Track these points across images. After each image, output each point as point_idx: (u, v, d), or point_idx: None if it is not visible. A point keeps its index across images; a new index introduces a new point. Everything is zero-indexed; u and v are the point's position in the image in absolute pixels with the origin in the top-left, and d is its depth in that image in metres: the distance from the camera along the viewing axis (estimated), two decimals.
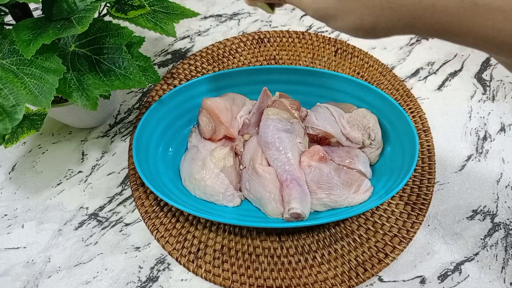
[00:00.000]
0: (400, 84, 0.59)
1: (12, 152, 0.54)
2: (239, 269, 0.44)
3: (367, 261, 0.44)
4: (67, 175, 0.52)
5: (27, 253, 0.46)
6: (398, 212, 0.47)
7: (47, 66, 0.38)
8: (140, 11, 0.45)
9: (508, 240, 0.46)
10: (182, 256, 0.45)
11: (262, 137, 0.47)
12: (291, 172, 0.45)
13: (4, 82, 0.36)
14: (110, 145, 0.54)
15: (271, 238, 0.46)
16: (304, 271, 0.44)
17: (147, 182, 0.44)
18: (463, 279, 0.44)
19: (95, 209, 0.49)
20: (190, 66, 0.61)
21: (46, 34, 0.36)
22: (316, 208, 0.46)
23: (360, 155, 0.49)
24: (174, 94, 0.51)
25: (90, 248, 0.46)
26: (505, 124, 0.55)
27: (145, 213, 0.48)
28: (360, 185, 0.46)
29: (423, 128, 0.54)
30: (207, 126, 0.50)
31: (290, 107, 0.49)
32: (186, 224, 0.47)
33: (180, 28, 0.67)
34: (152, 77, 0.49)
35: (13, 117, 0.37)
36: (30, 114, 0.44)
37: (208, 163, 0.47)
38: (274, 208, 0.44)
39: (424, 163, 0.51)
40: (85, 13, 0.38)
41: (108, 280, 0.44)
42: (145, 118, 0.49)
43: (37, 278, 0.44)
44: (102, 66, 0.42)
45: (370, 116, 0.50)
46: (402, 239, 0.45)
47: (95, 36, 0.42)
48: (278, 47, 0.63)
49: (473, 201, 0.49)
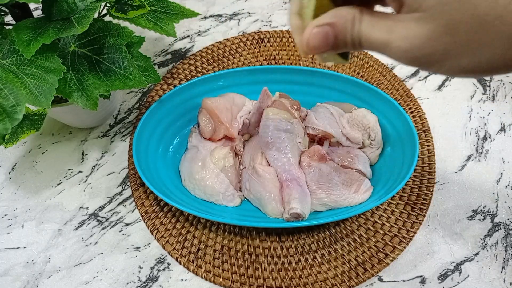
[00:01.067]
0: (400, 84, 0.59)
1: (12, 152, 0.54)
2: (239, 269, 0.44)
3: (367, 261, 0.44)
4: (67, 175, 0.52)
5: (27, 253, 0.46)
6: (398, 212, 0.47)
7: (47, 66, 0.38)
8: (140, 11, 0.45)
9: (508, 240, 0.46)
10: (182, 256, 0.45)
11: (262, 137, 0.47)
12: (291, 172, 0.45)
13: (4, 82, 0.36)
14: (110, 145, 0.54)
15: (271, 238, 0.46)
16: (304, 271, 0.44)
17: (147, 182, 0.44)
18: (463, 279, 0.44)
19: (95, 209, 0.49)
20: (190, 66, 0.61)
21: (46, 34, 0.36)
22: (316, 208, 0.46)
23: (360, 155, 0.49)
24: (174, 94, 0.51)
25: (90, 248, 0.46)
26: (505, 124, 0.55)
27: (145, 213, 0.48)
28: (360, 185, 0.46)
29: (423, 128, 0.54)
30: (207, 126, 0.50)
31: (290, 107, 0.49)
32: (186, 224, 0.47)
33: (180, 28, 0.67)
34: (152, 77, 0.49)
35: (13, 117, 0.37)
36: (30, 114, 0.44)
37: (208, 163, 0.47)
38: (274, 208, 0.44)
39: (424, 163, 0.51)
40: (85, 13, 0.38)
41: (108, 280, 0.44)
42: (145, 118, 0.49)
43: (37, 278, 0.44)
44: (102, 66, 0.42)
45: (370, 116, 0.50)
46: (402, 239, 0.45)
47: (95, 36, 0.42)
48: (278, 47, 0.63)
49: (473, 201, 0.49)
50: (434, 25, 0.20)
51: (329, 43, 0.23)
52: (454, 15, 0.19)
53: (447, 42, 0.20)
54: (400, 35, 0.21)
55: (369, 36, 0.22)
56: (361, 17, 0.22)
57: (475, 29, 0.19)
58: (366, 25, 0.22)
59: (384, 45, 0.22)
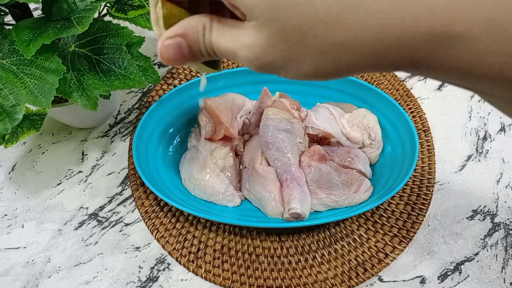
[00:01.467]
0: (400, 84, 0.59)
1: (12, 152, 0.54)
2: (239, 269, 0.44)
3: (367, 261, 0.44)
4: (67, 175, 0.52)
5: (27, 253, 0.46)
6: (398, 212, 0.47)
7: (47, 66, 0.38)
8: (140, 11, 0.45)
9: (508, 240, 0.46)
10: (182, 256, 0.45)
11: (262, 137, 0.47)
12: (291, 172, 0.45)
13: (4, 82, 0.36)
14: (110, 145, 0.54)
15: (271, 238, 0.46)
16: (304, 271, 0.44)
17: (147, 182, 0.44)
18: (463, 279, 0.44)
19: (95, 209, 0.49)
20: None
21: (46, 34, 0.36)
22: (316, 208, 0.46)
23: (360, 155, 0.49)
24: (174, 94, 0.51)
25: (90, 248, 0.46)
26: (505, 124, 0.55)
27: (145, 213, 0.48)
28: (360, 185, 0.46)
29: (423, 128, 0.54)
30: (207, 126, 0.50)
31: (290, 107, 0.49)
32: (186, 224, 0.47)
33: None
34: (152, 77, 0.49)
35: (13, 117, 0.37)
36: (30, 114, 0.44)
37: (208, 163, 0.47)
38: (274, 208, 0.44)
39: (424, 163, 0.51)
40: (85, 13, 0.38)
41: (108, 280, 0.44)
42: (145, 118, 0.49)
43: (37, 278, 0.44)
44: (102, 66, 0.42)
45: (370, 116, 0.50)
46: (402, 239, 0.45)
47: (95, 36, 0.42)
48: None
49: (473, 201, 0.49)
50: (268, 32, 0.19)
51: (184, 54, 0.23)
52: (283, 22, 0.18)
53: (283, 49, 0.19)
54: (243, 43, 0.20)
55: (218, 44, 0.22)
56: (211, 26, 0.22)
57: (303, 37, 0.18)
58: (215, 33, 0.22)
59: (232, 53, 0.21)
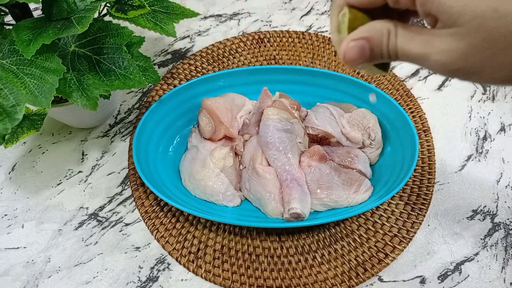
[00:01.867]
0: (400, 84, 0.59)
1: (12, 152, 0.54)
2: (239, 269, 0.44)
3: (367, 261, 0.44)
4: (67, 175, 0.52)
5: (27, 253, 0.46)
6: (398, 212, 0.47)
7: (47, 66, 0.38)
8: (140, 11, 0.45)
9: (508, 240, 0.46)
10: (182, 256, 0.45)
11: (262, 137, 0.47)
12: (291, 172, 0.45)
13: (4, 82, 0.36)
14: (110, 145, 0.54)
15: (271, 238, 0.46)
16: (304, 271, 0.44)
17: (147, 182, 0.44)
18: (463, 279, 0.44)
19: (95, 209, 0.49)
20: (190, 66, 0.61)
21: (46, 34, 0.36)
22: (316, 208, 0.46)
23: (360, 155, 0.49)
24: (174, 94, 0.51)
25: (90, 248, 0.46)
26: (505, 124, 0.55)
27: (145, 213, 0.48)
28: (360, 185, 0.46)
29: (423, 128, 0.54)
30: (207, 126, 0.50)
31: (290, 107, 0.49)
32: (186, 224, 0.47)
33: (180, 28, 0.67)
34: (152, 77, 0.49)
35: (13, 117, 0.37)
36: (30, 114, 0.44)
37: (208, 163, 0.47)
38: (274, 208, 0.44)
39: (424, 163, 0.51)
40: (85, 13, 0.38)
41: (108, 280, 0.44)
42: (145, 118, 0.49)
43: (37, 278, 0.44)
44: (102, 66, 0.42)
45: (370, 116, 0.50)
46: (402, 239, 0.45)
47: (95, 36, 0.42)
48: (278, 47, 0.63)
49: (473, 201, 0.49)
50: (470, 40, 0.21)
51: (365, 56, 0.25)
52: (491, 30, 0.20)
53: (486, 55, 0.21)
54: (438, 49, 0.22)
55: (405, 49, 0.23)
56: (396, 31, 0.23)
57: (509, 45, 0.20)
58: (402, 38, 0.23)
59: (422, 58, 0.23)
